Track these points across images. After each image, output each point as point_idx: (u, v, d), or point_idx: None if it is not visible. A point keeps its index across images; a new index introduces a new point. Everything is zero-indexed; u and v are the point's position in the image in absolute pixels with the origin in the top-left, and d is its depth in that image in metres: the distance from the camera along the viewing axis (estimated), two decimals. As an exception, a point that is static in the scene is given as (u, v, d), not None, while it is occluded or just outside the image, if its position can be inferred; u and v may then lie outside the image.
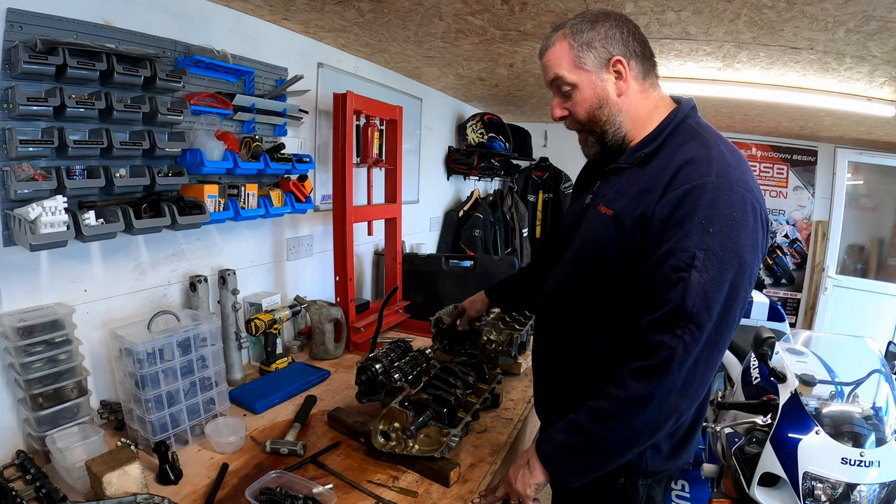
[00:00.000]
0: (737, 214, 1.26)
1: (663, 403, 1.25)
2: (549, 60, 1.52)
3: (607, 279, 1.45)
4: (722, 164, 1.31)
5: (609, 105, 1.48)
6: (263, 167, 2.38)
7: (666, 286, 1.25)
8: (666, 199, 1.31)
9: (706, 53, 2.87)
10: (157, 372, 1.78)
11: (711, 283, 1.22)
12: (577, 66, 1.47)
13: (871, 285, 6.09)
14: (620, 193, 1.45)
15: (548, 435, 1.44)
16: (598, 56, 1.45)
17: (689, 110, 1.51)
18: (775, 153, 6.12)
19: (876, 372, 2.53)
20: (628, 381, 1.27)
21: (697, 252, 1.23)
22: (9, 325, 1.65)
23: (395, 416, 1.82)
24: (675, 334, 1.22)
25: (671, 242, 1.27)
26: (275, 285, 2.93)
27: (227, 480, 1.68)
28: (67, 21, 1.77)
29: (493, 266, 3.70)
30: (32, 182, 1.63)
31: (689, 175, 1.31)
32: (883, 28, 2.23)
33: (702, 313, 1.21)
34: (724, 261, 1.23)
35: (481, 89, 4.54)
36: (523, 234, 5.76)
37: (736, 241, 1.24)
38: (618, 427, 1.29)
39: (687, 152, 1.36)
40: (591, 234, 1.53)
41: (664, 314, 1.25)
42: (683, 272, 1.23)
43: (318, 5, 2.39)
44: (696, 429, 1.57)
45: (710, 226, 1.24)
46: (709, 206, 1.25)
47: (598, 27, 1.45)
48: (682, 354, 1.21)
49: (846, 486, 2.03)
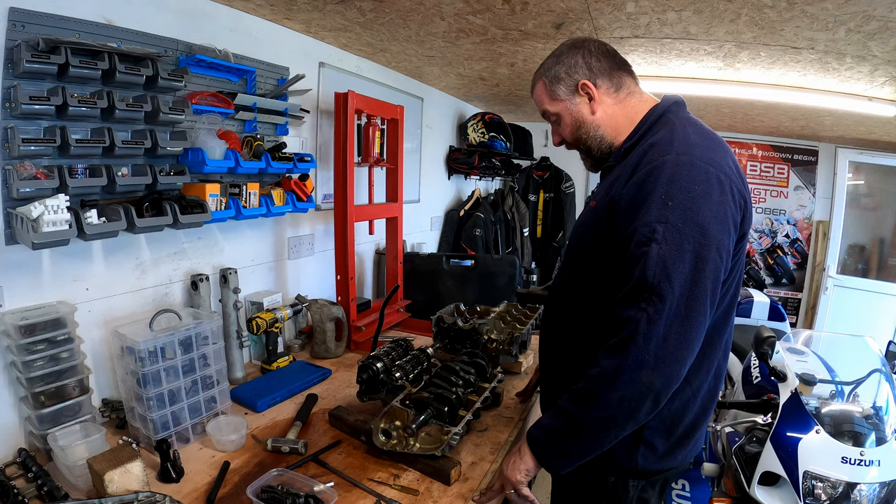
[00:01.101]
0: (698, 188, 1.28)
1: (634, 379, 1.24)
2: (535, 99, 1.70)
3: (593, 269, 1.50)
4: (684, 143, 1.36)
5: (586, 124, 1.61)
6: (265, 166, 2.38)
7: (632, 263, 1.28)
8: (631, 182, 1.37)
9: (707, 53, 2.88)
10: (158, 370, 1.78)
11: (671, 253, 1.23)
12: (553, 99, 1.63)
13: (872, 285, 6.09)
14: (605, 188, 1.52)
15: (538, 420, 1.48)
16: (566, 85, 1.60)
17: (671, 105, 1.55)
18: (776, 153, 6.13)
19: (876, 371, 2.54)
20: (601, 359, 1.29)
21: (657, 226, 1.26)
22: (11, 323, 1.65)
23: (396, 414, 1.82)
24: (640, 307, 1.23)
25: (635, 222, 1.31)
26: (276, 284, 2.93)
27: (229, 478, 1.68)
28: (69, 20, 1.77)
29: (493, 265, 3.71)
30: (35, 181, 1.64)
31: (651, 157, 1.37)
32: (883, 28, 2.23)
33: (662, 283, 1.22)
34: (684, 231, 1.24)
35: (482, 89, 4.54)
36: (524, 234, 5.77)
37: (696, 213, 1.26)
38: (594, 406, 1.30)
39: (653, 139, 1.44)
40: (577, 227, 1.64)
41: (628, 289, 1.28)
42: (644, 246, 1.26)
43: (320, 5, 2.39)
44: (697, 430, 1.55)
45: (669, 200, 1.27)
46: (668, 182, 1.29)
47: (562, 60, 1.60)
48: (646, 326, 1.22)
49: (846, 485, 2.04)
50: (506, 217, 5.64)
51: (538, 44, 2.89)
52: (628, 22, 2.45)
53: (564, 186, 5.98)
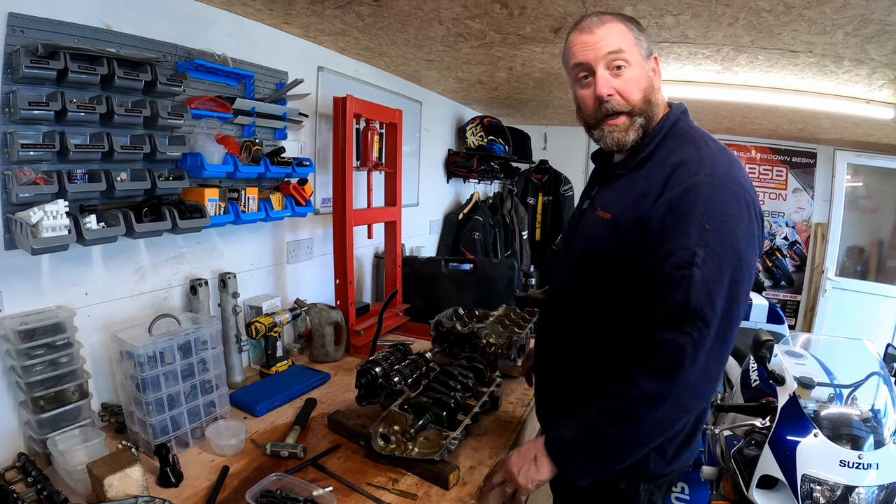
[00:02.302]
0: (731, 210, 1.28)
1: (677, 402, 1.26)
2: (609, 33, 1.45)
3: (608, 283, 1.47)
4: (712, 163, 1.35)
5: (655, 94, 1.50)
6: (264, 171, 2.39)
7: (670, 285, 1.27)
8: (662, 201, 1.34)
9: (705, 57, 2.88)
10: (157, 375, 1.78)
11: (713, 278, 1.23)
12: (637, 46, 1.46)
13: (871, 287, 6.09)
14: (619, 196, 1.48)
15: (557, 432, 1.45)
16: (646, 47, 1.48)
17: (681, 114, 1.53)
18: (774, 155, 6.14)
19: (874, 374, 2.54)
20: (642, 381, 1.27)
21: (697, 249, 1.24)
22: (10, 327, 1.65)
23: (394, 419, 1.82)
24: (684, 331, 1.23)
25: (671, 242, 1.28)
26: (275, 288, 2.93)
27: (228, 483, 1.68)
28: (68, 25, 1.77)
29: (492, 269, 3.71)
30: (34, 186, 1.64)
31: (682, 176, 1.34)
32: (881, 31, 2.24)
33: (706, 309, 1.22)
34: (723, 256, 1.24)
35: (481, 92, 4.55)
36: (523, 237, 5.77)
37: (733, 237, 1.26)
38: (630, 425, 1.30)
39: (679, 155, 1.40)
40: (590, 238, 1.56)
41: (670, 312, 1.26)
42: (685, 270, 1.24)
43: (318, 9, 2.39)
44: (698, 432, 1.58)
45: (707, 223, 1.26)
46: (704, 204, 1.28)
47: (639, 25, 1.49)
48: (692, 351, 1.22)
49: (844, 489, 2.04)
50: (504, 220, 5.65)
51: (536, 48, 2.90)
52: (626, 26, 2.46)
53: (563, 189, 5.98)
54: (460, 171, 5.16)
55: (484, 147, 5.07)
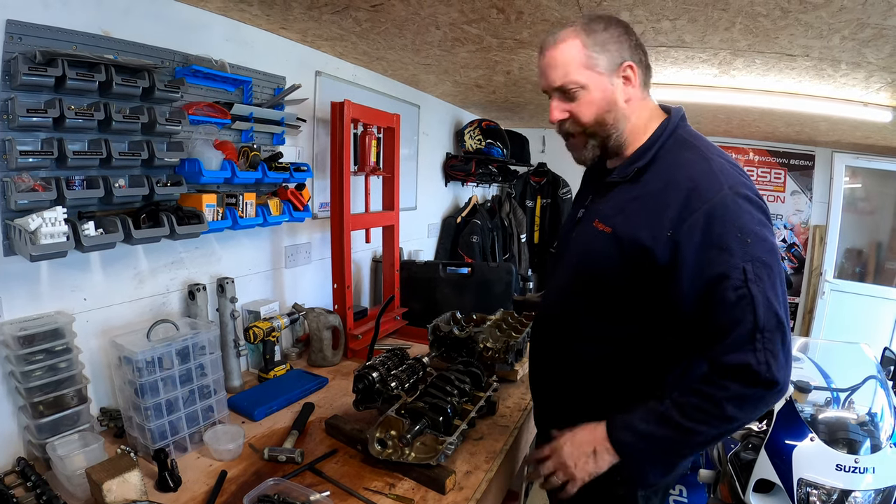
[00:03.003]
0: (755, 217, 1.30)
1: (767, 405, 1.32)
2: (557, 59, 1.44)
3: (607, 294, 1.47)
4: (727, 175, 1.34)
5: (617, 110, 1.45)
6: (261, 176, 2.39)
7: (732, 307, 1.26)
8: (690, 225, 1.31)
9: (702, 61, 2.89)
10: (156, 380, 1.79)
11: (768, 289, 1.25)
12: (589, 67, 1.41)
13: (869, 289, 6.10)
14: (617, 210, 1.46)
15: (626, 423, 1.41)
16: (611, 59, 1.41)
17: (680, 120, 1.50)
18: (772, 158, 6.14)
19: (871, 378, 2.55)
20: (728, 407, 1.27)
21: (745, 265, 1.25)
22: (9, 333, 1.66)
23: (391, 424, 1.83)
24: (757, 349, 1.23)
25: (716, 266, 1.28)
26: (273, 293, 2.94)
27: (226, 488, 1.68)
28: (66, 32, 1.78)
29: (490, 273, 3.71)
30: (32, 193, 1.65)
31: (703, 195, 1.31)
32: (878, 35, 2.24)
33: (772, 320, 1.24)
34: (769, 263, 1.27)
35: (479, 96, 4.55)
36: (521, 240, 5.77)
37: (768, 241, 1.29)
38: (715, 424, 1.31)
39: (689, 168, 1.37)
40: (589, 251, 1.53)
41: (741, 335, 1.26)
42: (742, 289, 1.25)
43: (316, 14, 2.40)
44: None
45: (746, 237, 1.27)
46: (735, 219, 1.28)
47: (611, 30, 1.42)
48: (776, 364, 1.23)
49: (841, 493, 2.05)
50: (503, 223, 5.65)
51: (533, 52, 2.90)
52: (623, 31, 2.46)
53: (562, 192, 5.99)
54: (458, 174, 5.16)
55: (482, 150, 5.07)
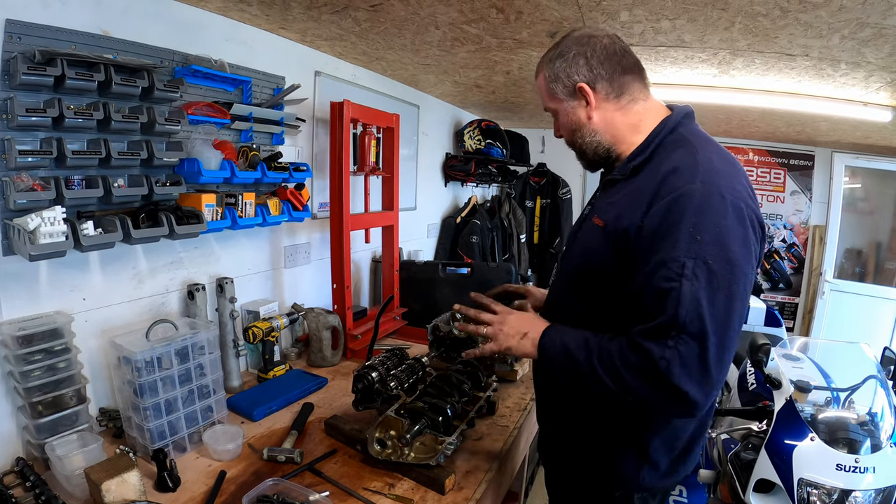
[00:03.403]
0: (725, 221, 1.24)
1: (656, 405, 1.29)
2: (538, 87, 1.63)
3: (601, 290, 1.46)
4: (708, 170, 1.31)
5: (582, 128, 1.54)
6: (261, 176, 2.39)
7: (658, 297, 1.24)
8: (653, 211, 1.30)
9: (702, 60, 2.89)
10: (155, 380, 1.79)
11: (703, 291, 1.20)
12: (552, 97, 1.57)
13: (869, 289, 6.10)
14: (611, 205, 1.46)
15: (559, 332, 1.48)
16: (564, 86, 1.52)
17: (682, 118, 1.50)
18: (772, 158, 6.14)
19: (871, 378, 2.54)
20: (630, 372, 1.27)
21: (687, 261, 1.21)
22: (8, 333, 1.66)
23: (391, 424, 1.83)
24: (668, 345, 1.20)
25: (661, 253, 1.25)
26: (272, 293, 2.93)
27: (225, 488, 1.68)
28: (66, 32, 1.78)
29: (490, 273, 3.71)
30: (31, 192, 1.64)
31: (674, 184, 1.30)
32: (877, 34, 2.24)
33: (694, 323, 1.19)
34: (715, 269, 1.21)
35: (478, 96, 4.55)
36: (521, 240, 5.77)
37: (726, 249, 1.22)
38: (616, 380, 1.30)
39: (672, 161, 1.36)
40: (584, 245, 1.55)
41: (657, 325, 1.23)
42: (674, 282, 1.22)
43: (315, 14, 2.40)
44: (696, 445, 1.58)
45: (698, 234, 1.23)
46: (695, 214, 1.24)
47: (564, 56, 1.51)
48: (680, 368, 1.19)
49: (841, 493, 2.04)
50: (503, 224, 5.65)
51: (533, 52, 2.91)
52: (622, 31, 2.46)
53: (561, 192, 5.99)
54: (458, 174, 5.16)
55: (482, 150, 5.07)
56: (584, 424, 1.56)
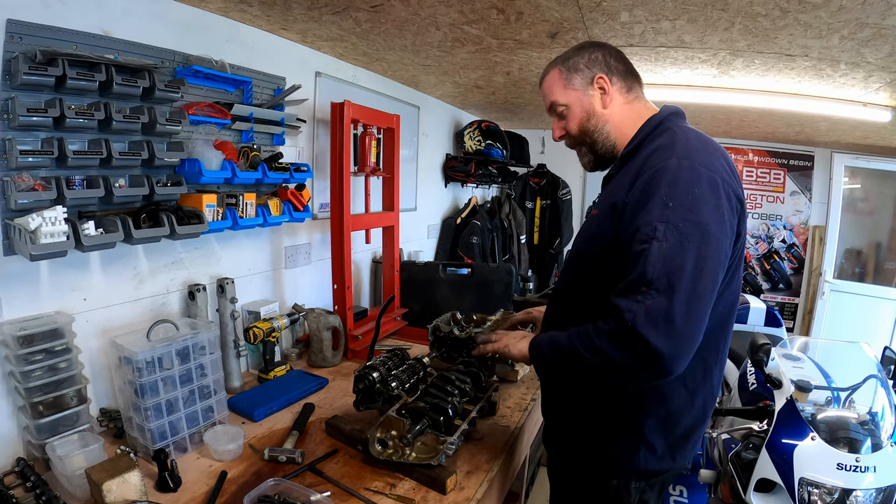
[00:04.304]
0: (697, 190, 1.31)
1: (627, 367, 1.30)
2: (545, 88, 1.71)
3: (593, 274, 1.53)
4: (684, 148, 1.41)
5: (596, 116, 1.64)
6: (261, 176, 2.39)
7: (632, 260, 1.31)
8: (635, 187, 1.40)
9: (701, 61, 2.89)
10: (156, 380, 1.79)
11: (671, 250, 1.26)
12: (567, 88, 1.65)
13: (869, 289, 6.10)
14: (607, 195, 1.57)
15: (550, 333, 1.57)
16: (583, 76, 1.63)
17: (669, 115, 1.59)
18: (772, 158, 6.14)
19: (872, 377, 2.54)
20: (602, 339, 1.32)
21: (658, 225, 1.29)
22: (9, 333, 1.66)
23: (392, 424, 1.83)
24: (637, 300, 1.25)
25: (636, 221, 1.34)
26: (273, 293, 2.93)
27: (226, 488, 1.68)
28: (67, 32, 1.78)
29: (490, 273, 3.71)
30: (32, 192, 1.65)
31: (653, 162, 1.40)
32: (877, 35, 2.24)
33: (661, 279, 1.24)
34: (685, 231, 1.27)
35: (478, 97, 4.56)
36: (521, 241, 5.77)
37: (697, 214, 1.29)
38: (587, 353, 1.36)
39: (654, 145, 1.48)
40: (584, 236, 1.65)
41: (627, 282, 1.30)
42: (645, 244, 1.29)
43: (316, 15, 2.40)
44: (694, 433, 1.60)
45: (670, 201, 1.30)
46: (669, 185, 1.32)
47: (582, 53, 1.64)
48: (644, 319, 1.23)
49: (842, 492, 2.04)
50: (503, 224, 5.65)
51: (533, 53, 2.91)
52: (622, 31, 2.47)
53: (561, 193, 5.99)
54: (458, 175, 5.16)
55: (482, 151, 5.07)
56: (581, 411, 1.61)
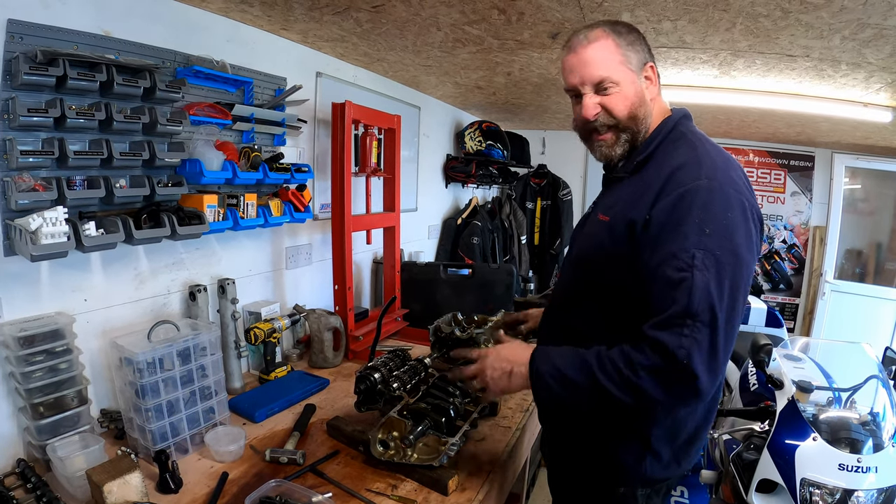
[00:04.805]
0: (730, 214, 1.29)
1: (680, 398, 1.28)
2: (592, 56, 1.47)
3: (600, 283, 1.49)
4: (710, 166, 1.36)
5: (645, 106, 1.51)
6: (262, 177, 2.38)
7: (669, 287, 1.26)
8: (661, 205, 1.34)
9: (703, 61, 2.89)
10: (156, 381, 1.78)
11: (712, 281, 1.23)
12: (623, 65, 1.47)
13: (869, 290, 6.10)
14: (617, 200, 1.50)
15: (546, 357, 1.47)
16: (638, 58, 1.48)
17: (681, 118, 1.55)
18: (773, 159, 6.15)
19: (873, 377, 2.54)
20: (642, 375, 1.26)
21: (696, 252, 1.25)
22: (10, 334, 1.65)
23: (393, 425, 1.82)
24: (683, 334, 1.22)
25: (670, 245, 1.29)
26: (274, 294, 2.93)
27: (227, 489, 1.68)
28: (67, 32, 1.78)
29: (491, 274, 3.71)
30: (33, 193, 1.64)
31: (680, 179, 1.35)
32: (878, 35, 2.24)
33: (706, 312, 1.22)
34: (722, 259, 1.25)
35: (479, 97, 4.55)
36: (522, 242, 5.77)
37: (732, 241, 1.27)
38: (626, 390, 1.29)
39: (676, 158, 1.41)
40: (587, 241, 1.59)
41: (671, 314, 1.25)
42: (685, 272, 1.24)
43: (317, 15, 2.40)
44: (698, 438, 1.58)
45: (706, 226, 1.27)
46: (702, 209, 1.28)
47: (634, 33, 1.49)
48: (699, 354, 1.20)
49: (843, 492, 2.04)
50: (503, 225, 5.65)
51: (534, 53, 2.91)
52: (624, 31, 2.46)
53: (562, 194, 5.99)
54: (459, 175, 5.16)
55: (482, 152, 5.07)
56: (585, 420, 1.57)
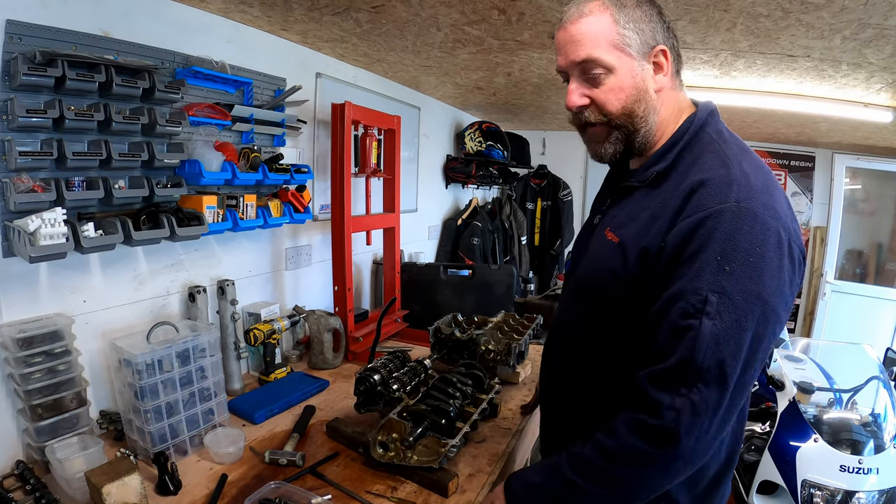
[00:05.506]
0: (759, 250, 1.06)
1: (667, 470, 1.10)
2: (581, 32, 1.22)
3: (613, 313, 1.29)
4: (744, 186, 1.11)
5: (647, 100, 1.26)
6: (262, 178, 2.38)
7: (672, 334, 1.08)
8: (677, 229, 1.13)
9: (703, 62, 2.88)
10: (156, 383, 1.78)
11: (726, 333, 1.04)
12: (618, 47, 1.21)
13: (870, 290, 6.11)
14: (629, 218, 1.29)
15: (520, 476, 1.35)
16: (643, 40, 1.22)
17: (708, 116, 1.32)
18: (773, 159, 6.14)
19: (874, 379, 2.53)
20: (624, 435, 1.11)
21: (710, 296, 1.05)
22: (8, 335, 1.65)
23: (393, 426, 1.82)
24: (681, 393, 1.05)
25: (681, 282, 1.09)
26: (273, 295, 2.92)
27: (227, 491, 1.67)
28: (66, 32, 1.77)
29: (491, 275, 3.71)
30: (32, 194, 1.63)
31: (703, 201, 1.11)
32: (879, 35, 2.24)
33: (713, 370, 1.04)
34: (743, 307, 1.04)
35: (479, 98, 4.55)
36: (522, 242, 5.77)
37: (758, 283, 1.05)
38: (606, 483, 1.14)
39: (701, 172, 1.17)
40: (595, 262, 1.39)
41: (669, 367, 1.07)
42: (693, 319, 1.05)
43: (317, 16, 2.40)
44: (721, 483, 1.36)
45: (727, 263, 1.05)
46: (725, 240, 1.06)
47: (644, 7, 1.23)
48: (690, 419, 1.04)
49: (845, 494, 2.04)
50: (503, 225, 5.65)
51: (534, 53, 2.90)
52: (624, 32, 2.46)
53: (562, 194, 5.99)
54: (459, 176, 5.16)
55: (482, 152, 5.07)
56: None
